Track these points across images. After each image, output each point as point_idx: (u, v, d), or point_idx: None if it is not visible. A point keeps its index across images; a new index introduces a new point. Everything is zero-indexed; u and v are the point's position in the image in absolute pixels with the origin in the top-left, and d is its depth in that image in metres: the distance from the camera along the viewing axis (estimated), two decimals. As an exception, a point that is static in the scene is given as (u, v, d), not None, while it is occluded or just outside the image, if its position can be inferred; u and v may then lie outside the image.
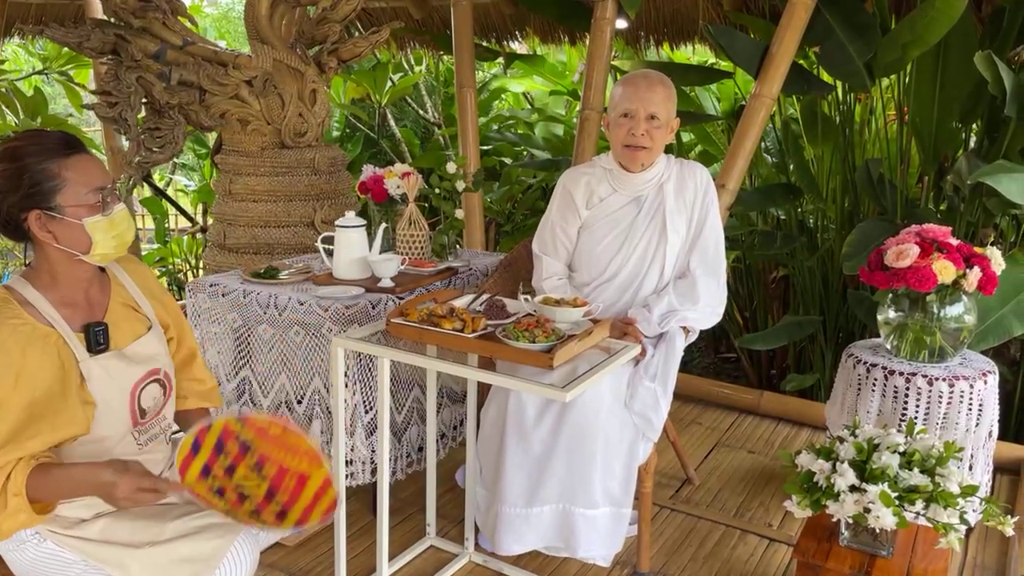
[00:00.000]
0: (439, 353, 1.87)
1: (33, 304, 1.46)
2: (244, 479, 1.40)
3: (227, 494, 1.40)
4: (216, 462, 1.39)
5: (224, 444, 1.39)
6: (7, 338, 1.39)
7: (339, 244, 2.46)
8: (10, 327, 1.40)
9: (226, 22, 10.16)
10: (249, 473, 1.39)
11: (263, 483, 1.39)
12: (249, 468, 1.39)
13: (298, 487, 1.40)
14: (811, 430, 3.28)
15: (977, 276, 2.26)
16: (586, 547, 2.10)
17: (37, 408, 1.40)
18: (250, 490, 1.40)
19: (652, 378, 2.13)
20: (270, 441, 1.39)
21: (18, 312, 1.43)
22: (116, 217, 1.49)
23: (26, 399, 1.39)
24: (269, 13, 3.23)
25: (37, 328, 1.43)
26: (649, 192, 2.28)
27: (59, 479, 1.41)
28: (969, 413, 2.31)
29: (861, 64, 2.98)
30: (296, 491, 1.40)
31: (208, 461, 1.40)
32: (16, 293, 1.46)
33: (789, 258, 3.69)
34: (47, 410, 1.41)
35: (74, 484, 1.42)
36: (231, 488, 1.40)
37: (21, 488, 1.38)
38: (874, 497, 1.74)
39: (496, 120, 5.55)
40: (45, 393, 1.41)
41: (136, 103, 3.13)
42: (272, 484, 1.39)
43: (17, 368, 1.39)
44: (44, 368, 1.42)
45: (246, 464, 1.39)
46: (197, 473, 1.40)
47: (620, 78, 2.28)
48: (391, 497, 2.53)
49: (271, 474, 1.39)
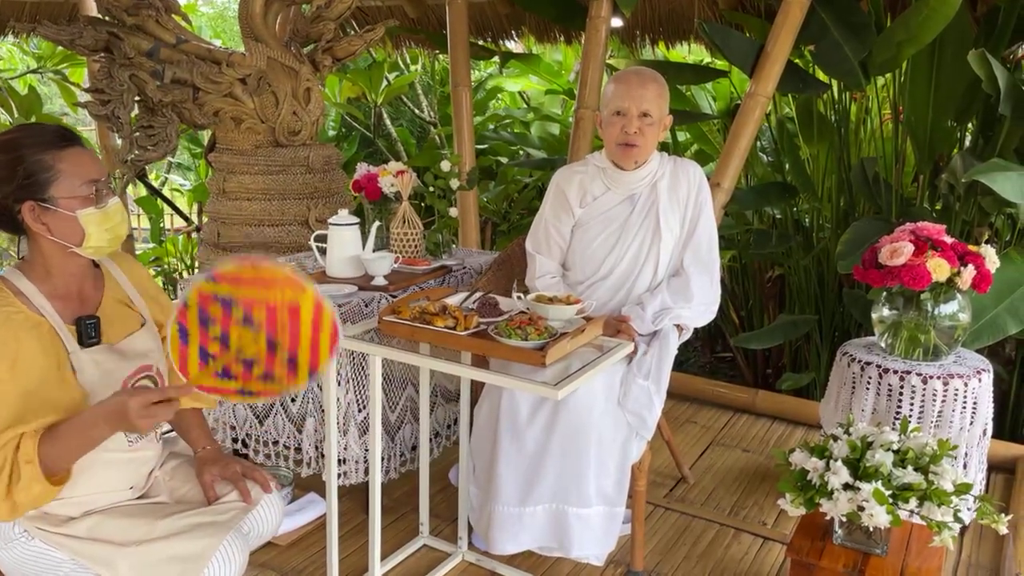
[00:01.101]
0: (432, 351, 1.87)
1: (26, 295, 1.47)
2: (240, 340, 1.35)
3: (233, 370, 1.36)
4: (208, 338, 1.35)
5: (207, 312, 1.35)
6: (1, 325, 1.40)
7: (332, 242, 2.46)
8: (4, 315, 1.41)
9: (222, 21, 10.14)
10: (243, 331, 1.35)
11: (259, 334, 1.35)
12: (240, 326, 1.35)
13: (293, 321, 1.35)
14: (806, 429, 3.28)
15: (971, 274, 2.25)
16: (580, 546, 2.09)
17: (36, 394, 1.40)
18: (251, 350, 1.36)
19: (646, 376, 2.12)
20: (247, 285, 1.35)
21: (11, 301, 1.44)
22: (110, 210, 1.49)
23: (22, 386, 1.39)
24: (263, 11, 3.22)
25: (29, 317, 1.44)
26: (642, 190, 2.27)
27: (69, 433, 1.39)
28: (963, 411, 2.31)
29: (856, 63, 2.97)
30: (294, 326, 1.35)
31: (201, 341, 1.36)
32: (9, 284, 1.47)
33: (785, 257, 3.68)
34: (43, 394, 1.42)
35: (85, 431, 1.39)
36: (233, 360, 1.36)
37: (33, 455, 1.36)
38: (868, 495, 1.73)
39: (492, 119, 5.55)
40: (41, 379, 1.42)
41: (129, 101, 3.11)
42: (268, 331, 1.35)
43: (13, 355, 1.39)
44: (39, 355, 1.42)
45: (235, 323, 1.35)
46: (197, 363, 1.36)
47: (613, 75, 2.27)
48: (384, 496, 2.52)
49: (263, 320, 1.35)
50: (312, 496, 2.56)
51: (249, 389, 1.38)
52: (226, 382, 1.36)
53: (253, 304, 1.35)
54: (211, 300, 1.35)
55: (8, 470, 1.36)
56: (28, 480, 1.36)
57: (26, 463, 1.36)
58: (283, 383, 1.38)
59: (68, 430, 1.39)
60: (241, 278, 1.36)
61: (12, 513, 1.39)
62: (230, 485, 1.64)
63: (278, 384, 1.38)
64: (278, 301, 1.35)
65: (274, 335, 1.35)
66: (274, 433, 2.45)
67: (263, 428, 2.47)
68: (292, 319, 1.35)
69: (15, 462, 1.36)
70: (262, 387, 1.38)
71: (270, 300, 1.35)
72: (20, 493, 1.37)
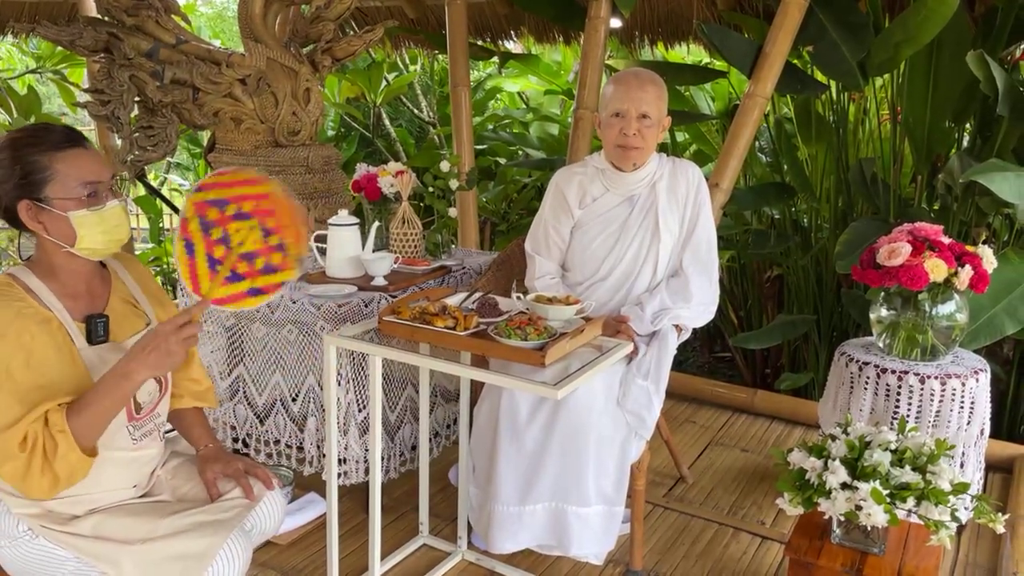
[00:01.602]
0: (432, 351, 1.87)
1: (35, 292, 1.49)
2: (239, 235, 1.45)
3: (240, 268, 1.45)
4: (211, 243, 1.45)
5: (205, 217, 1.45)
6: (14, 319, 1.42)
7: (332, 243, 2.46)
8: (15, 308, 1.43)
9: (221, 21, 10.14)
10: (239, 225, 1.45)
11: (253, 224, 1.45)
12: (235, 221, 1.45)
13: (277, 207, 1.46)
14: (805, 428, 3.29)
15: (969, 274, 2.26)
16: (579, 545, 2.10)
17: (51, 386, 1.42)
18: (249, 242, 1.45)
19: (645, 376, 2.13)
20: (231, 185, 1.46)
21: (22, 296, 1.46)
22: (106, 213, 1.49)
23: (38, 379, 1.41)
24: (263, 12, 3.23)
25: (39, 312, 1.46)
26: (642, 191, 2.28)
27: (96, 398, 1.40)
28: (961, 411, 2.32)
29: (854, 63, 2.98)
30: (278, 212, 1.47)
31: (206, 248, 1.45)
32: (19, 280, 1.49)
33: (783, 257, 3.69)
34: (61, 383, 1.44)
35: (113, 382, 1.40)
36: (237, 259, 1.45)
37: (64, 425, 1.38)
38: (865, 494, 1.74)
39: (491, 119, 5.55)
40: (55, 372, 1.44)
41: (129, 101, 3.12)
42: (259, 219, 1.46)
43: (28, 348, 1.41)
44: (51, 350, 1.45)
45: (231, 219, 1.46)
46: (207, 273, 1.44)
47: (611, 76, 2.27)
48: (384, 496, 2.53)
49: (252, 210, 1.46)
50: (312, 496, 2.57)
51: (257, 286, 1.46)
52: (236, 285, 1.45)
53: (241, 199, 1.46)
54: (206, 205, 1.46)
55: (42, 443, 1.37)
56: (65, 449, 1.38)
57: (59, 432, 1.38)
58: (282, 271, 1.48)
59: (95, 395, 1.41)
60: (223, 181, 1.47)
61: (53, 488, 1.40)
62: (232, 482, 1.65)
63: (279, 274, 1.47)
64: (259, 191, 1.47)
65: (264, 222, 1.46)
66: (275, 432, 2.46)
67: (264, 427, 2.47)
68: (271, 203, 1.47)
69: (47, 435, 1.37)
70: (266, 280, 1.47)
71: (252, 191, 1.47)
72: (59, 463, 1.38)
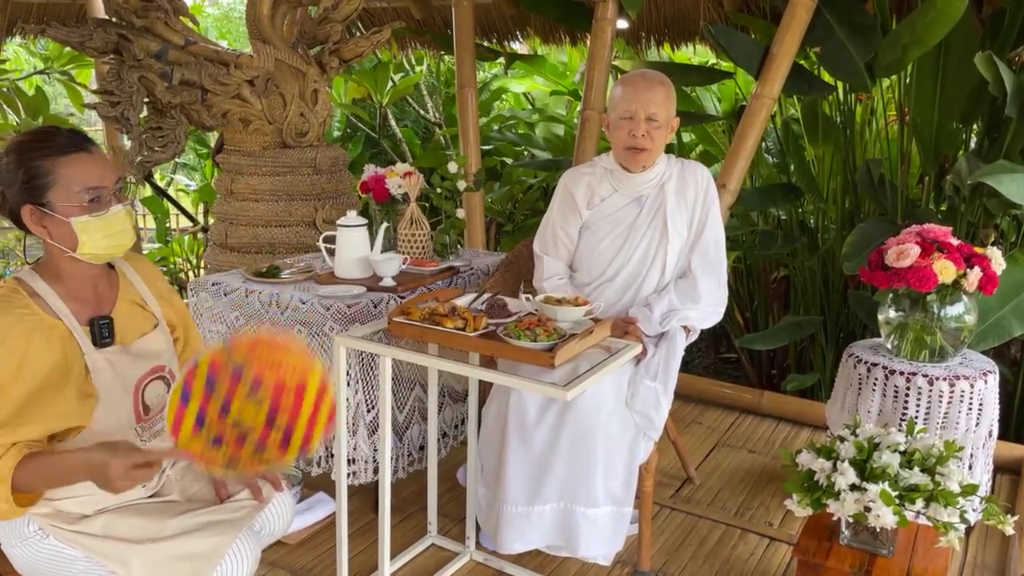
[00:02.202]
0: (441, 352, 1.88)
1: (42, 296, 1.48)
2: (241, 412, 1.32)
3: (225, 439, 1.32)
4: (209, 404, 1.32)
5: (215, 380, 1.32)
6: (13, 325, 1.41)
7: (341, 243, 2.47)
8: (16, 315, 1.43)
9: (227, 22, 10.16)
10: (245, 404, 1.32)
11: (261, 409, 1.32)
12: (244, 398, 1.32)
13: (297, 401, 1.33)
14: (811, 430, 3.28)
15: (977, 276, 2.26)
16: (587, 546, 2.10)
17: (35, 397, 1.41)
18: (249, 422, 1.32)
19: (653, 377, 2.14)
20: (260, 360, 1.33)
21: (26, 303, 1.45)
22: (109, 218, 1.48)
23: (26, 387, 1.40)
24: (271, 13, 3.24)
25: (43, 319, 1.45)
26: (650, 192, 2.28)
27: (49, 465, 1.40)
28: (969, 413, 2.31)
29: (862, 65, 2.98)
30: (296, 406, 1.33)
31: (201, 406, 1.32)
32: (25, 285, 1.48)
33: (790, 258, 3.69)
34: (44, 400, 1.43)
35: (64, 470, 1.39)
36: (229, 430, 1.32)
37: (7, 475, 1.37)
38: (874, 496, 1.74)
39: (497, 120, 5.56)
40: (44, 383, 1.43)
41: (138, 103, 3.13)
42: (271, 405, 1.32)
43: (20, 355, 1.40)
44: (46, 358, 1.43)
45: (240, 394, 1.32)
46: (191, 426, 1.32)
47: (619, 78, 2.27)
48: (392, 495, 2.53)
49: (267, 396, 1.32)
50: (321, 495, 2.58)
51: (236, 461, 1.34)
52: (215, 450, 1.33)
53: (263, 380, 1.33)
54: (222, 368, 1.33)
55: None
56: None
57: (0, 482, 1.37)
58: (272, 461, 1.35)
59: (48, 465, 1.39)
60: (256, 352, 1.34)
61: None
62: (241, 483, 1.65)
63: (267, 460, 1.35)
64: (287, 381, 1.34)
65: (276, 412, 1.33)
66: (283, 433, 2.46)
67: (272, 428, 2.48)
68: (296, 400, 1.34)
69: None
70: (250, 460, 1.34)
71: (280, 378, 1.33)
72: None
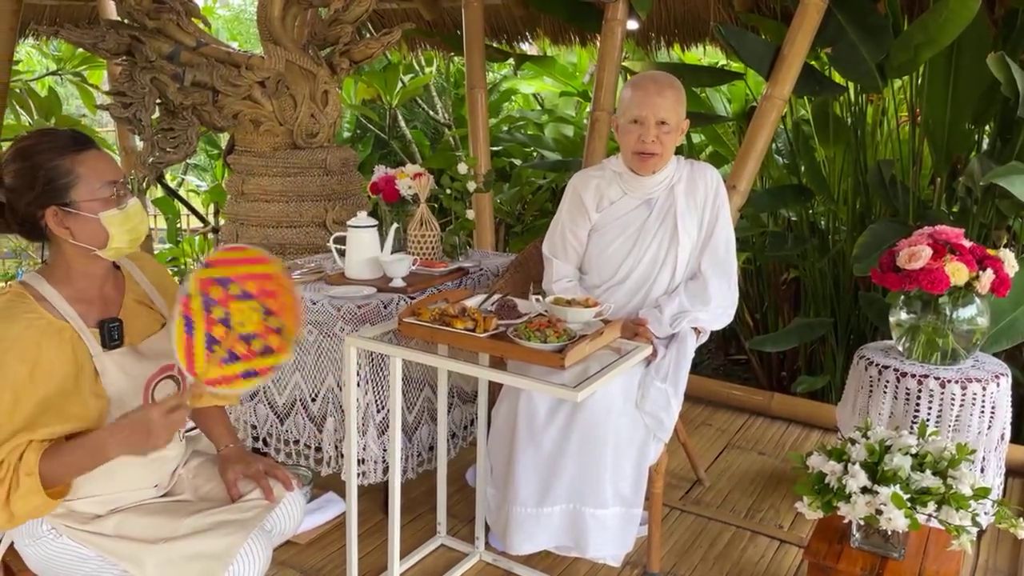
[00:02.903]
0: (450, 353, 1.88)
1: (48, 300, 1.48)
2: (240, 315, 1.43)
3: (237, 350, 1.43)
4: (212, 322, 1.42)
5: (209, 295, 1.43)
6: (23, 331, 1.41)
7: (351, 244, 2.48)
8: (26, 321, 1.42)
9: (238, 23, 10.20)
10: (241, 306, 1.44)
11: (255, 305, 1.44)
12: (238, 300, 1.44)
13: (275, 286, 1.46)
14: (822, 432, 3.27)
15: (990, 278, 2.25)
16: (596, 547, 2.10)
17: (49, 401, 1.42)
18: (252, 328, 1.44)
19: (663, 379, 2.13)
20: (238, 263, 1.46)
21: (33, 307, 1.45)
22: (130, 211, 1.50)
23: (40, 392, 1.41)
24: (282, 14, 3.25)
25: (52, 323, 1.45)
26: (660, 194, 2.27)
27: (75, 451, 1.41)
28: (981, 415, 2.30)
29: (873, 65, 2.97)
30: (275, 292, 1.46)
31: (206, 327, 1.42)
32: (32, 289, 1.48)
33: (800, 260, 3.68)
34: (58, 403, 1.43)
35: (93, 452, 1.41)
36: (236, 340, 1.43)
37: (34, 468, 1.38)
38: (886, 499, 1.73)
39: (506, 121, 5.56)
40: (58, 387, 1.43)
41: (150, 104, 3.15)
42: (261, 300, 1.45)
43: (32, 361, 1.40)
44: (58, 362, 1.44)
45: (233, 299, 1.44)
46: (204, 353, 1.42)
47: (629, 80, 2.27)
48: (402, 496, 2.53)
49: (255, 291, 1.45)
50: (331, 495, 2.58)
51: (252, 368, 1.45)
52: (232, 366, 1.43)
53: (245, 278, 1.45)
54: (210, 283, 1.44)
55: (8, 480, 1.38)
56: (27, 491, 1.38)
57: (26, 475, 1.37)
58: (277, 353, 1.46)
59: (74, 448, 1.41)
60: (229, 258, 1.47)
61: (9, 522, 1.41)
62: (253, 483, 1.66)
63: (275, 356, 1.46)
64: (263, 271, 1.47)
65: (266, 303, 1.45)
66: (295, 432, 2.47)
67: (284, 427, 2.49)
68: (277, 286, 1.47)
69: (16, 470, 1.37)
70: (262, 363, 1.45)
71: (257, 271, 1.46)
72: (18, 503, 1.39)
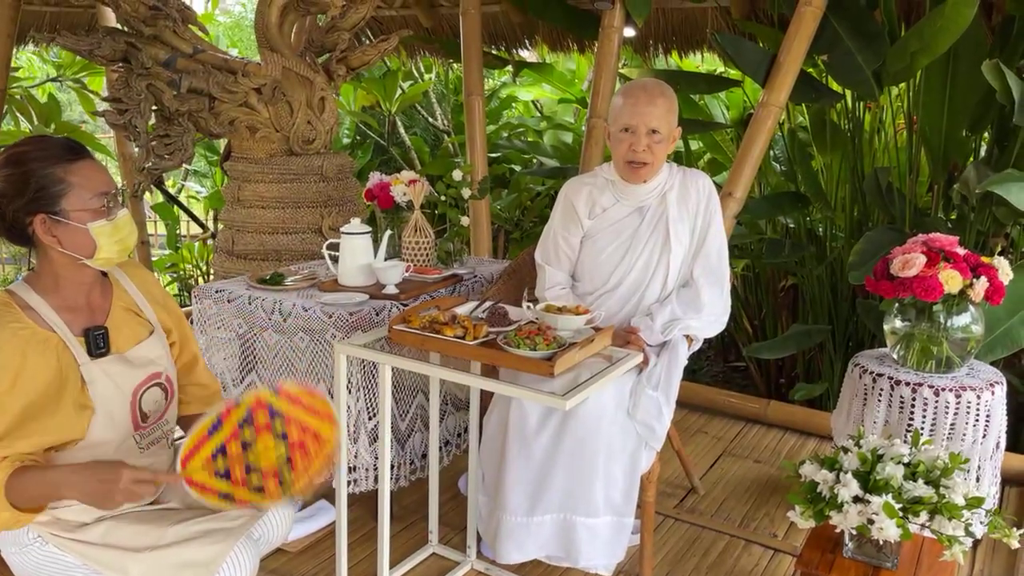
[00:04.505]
0: (442, 360, 1.87)
1: (34, 308, 1.47)
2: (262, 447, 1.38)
3: (234, 472, 1.38)
4: (235, 439, 1.38)
5: (253, 416, 1.39)
6: (7, 340, 1.41)
7: (344, 251, 2.47)
8: (10, 330, 1.42)
9: (238, 30, 10.23)
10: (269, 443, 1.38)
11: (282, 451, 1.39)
12: (272, 436, 1.39)
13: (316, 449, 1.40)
14: (818, 440, 3.26)
15: (984, 286, 2.24)
16: (587, 556, 2.09)
17: (31, 411, 1.41)
18: (265, 459, 1.38)
19: (655, 387, 2.12)
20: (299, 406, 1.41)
21: (18, 316, 1.45)
22: (119, 222, 1.50)
23: (22, 401, 1.40)
24: (279, 21, 3.26)
25: (37, 332, 1.45)
26: (652, 202, 2.27)
27: (36, 482, 1.40)
28: (976, 424, 2.29)
29: (870, 73, 2.97)
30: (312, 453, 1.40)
31: (226, 439, 1.38)
32: (17, 298, 1.48)
33: (798, 267, 3.67)
34: (40, 413, 1.42)
35: (52, 487, 1.40)
36: (240, 464, 1.38)
37: (1, 485, 1.37)
38: (877, 508, 1.72)
39: (505, 128, 5.57)
40: (40, 397, 1.43)
41: (146, 110, 3.15)
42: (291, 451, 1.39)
43: (15, 370, 1.40)
44: (41, 371, 1.43)
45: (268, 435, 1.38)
46: (205, 457, 1.38)
47: (619, 89, 2.26)
48: (394, 504, 2.53)
49: (294, 438, 1.39)
50: (322, 503, 2.57)
51: (233, 494, 1.40)
52: (218, 482, 1.39)
53: (295, 423, 1.40)
54: (264, 407, 1.40)
55: None
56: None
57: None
58: (264, 498, 1.41)
59: (36, 480, 1.40)
60: (300, 398, 1.42)
61: None
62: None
63: (260, 497, 1.41)
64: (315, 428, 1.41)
65: (294, 454, 1.40)
66: (285, 440, 2.46)
67: (275, 435, 2.48)
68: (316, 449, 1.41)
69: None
70: (245, 495, 1.40)
71: (311, 424, 1.41)
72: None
